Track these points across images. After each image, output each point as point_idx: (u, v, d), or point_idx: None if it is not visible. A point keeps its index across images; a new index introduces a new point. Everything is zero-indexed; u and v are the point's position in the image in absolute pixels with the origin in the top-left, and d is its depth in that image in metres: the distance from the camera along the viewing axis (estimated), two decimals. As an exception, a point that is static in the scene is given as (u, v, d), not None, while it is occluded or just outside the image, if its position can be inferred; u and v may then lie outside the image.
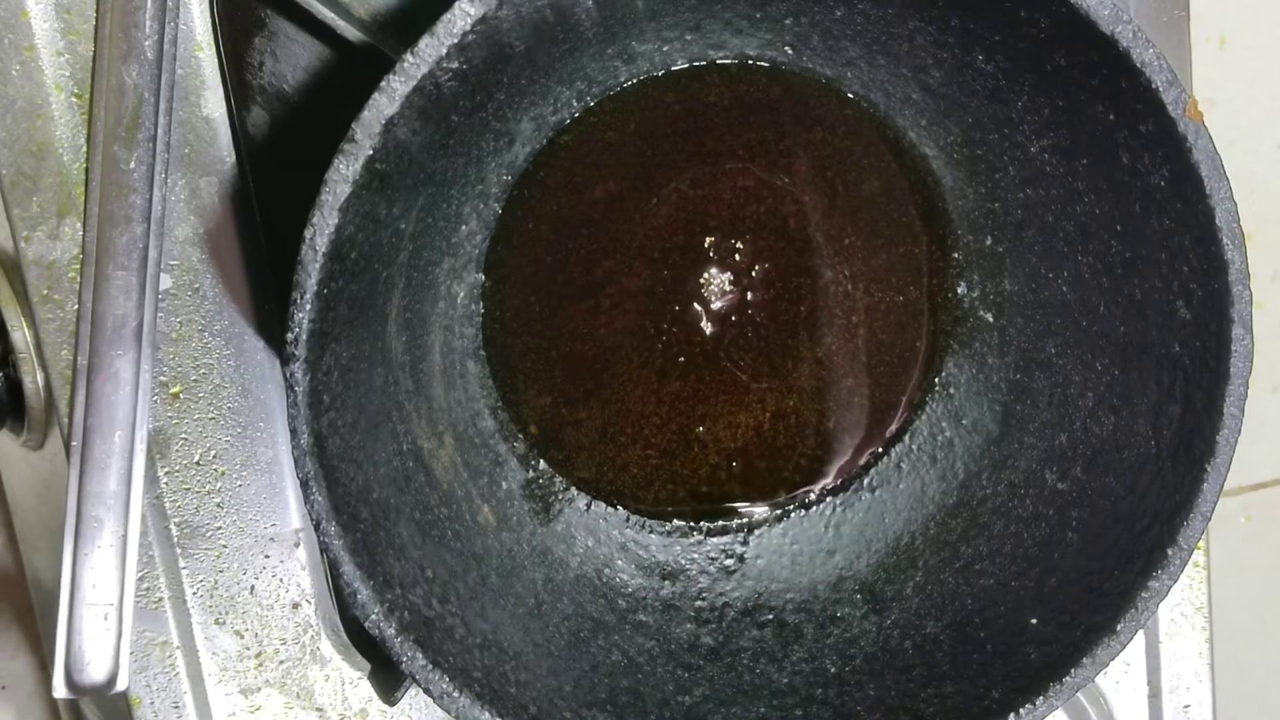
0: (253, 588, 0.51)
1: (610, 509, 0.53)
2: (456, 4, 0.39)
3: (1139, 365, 0.47)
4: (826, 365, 0.53)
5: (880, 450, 0.54)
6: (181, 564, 0.50)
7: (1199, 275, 0.43)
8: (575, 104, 0.49)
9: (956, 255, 0.52)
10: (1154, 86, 0.41)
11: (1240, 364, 0.43)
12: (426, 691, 0.42)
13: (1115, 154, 0.45)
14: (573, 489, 0.52)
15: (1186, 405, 0.45)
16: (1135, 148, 0.44)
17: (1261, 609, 0.73)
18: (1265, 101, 0.61)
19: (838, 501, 0.54)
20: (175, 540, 0.49)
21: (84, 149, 0.46)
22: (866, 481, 0.54)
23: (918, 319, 0.53)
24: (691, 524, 0.54)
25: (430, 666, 0.42)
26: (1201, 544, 0.53)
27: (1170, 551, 0.44)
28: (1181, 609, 0.59)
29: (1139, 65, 0.41)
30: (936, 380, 0.53)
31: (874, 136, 0.51)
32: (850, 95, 0.50)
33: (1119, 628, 0.44)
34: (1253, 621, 0.69)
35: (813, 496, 0.54)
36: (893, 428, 0.54)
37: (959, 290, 0.52)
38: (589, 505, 0.53)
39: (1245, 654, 0.65)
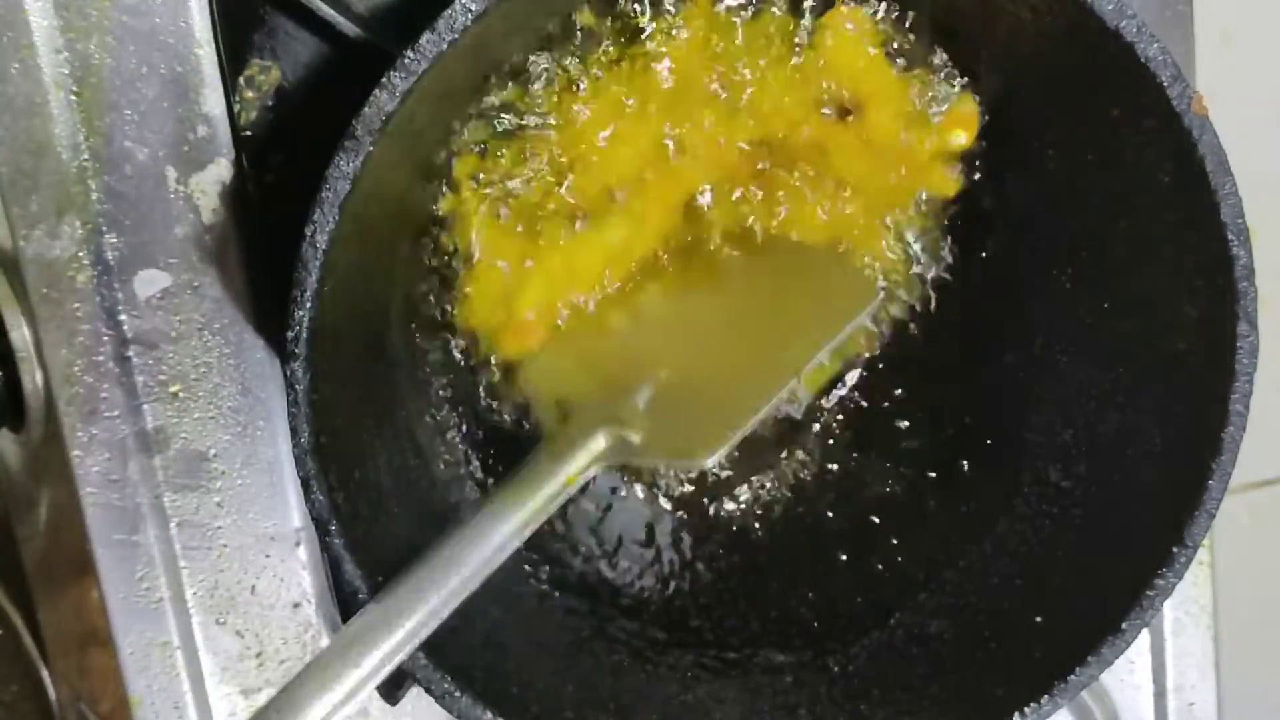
0: (253, 587, 0.50)
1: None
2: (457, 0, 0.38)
3: (1144, 362, 0.47)
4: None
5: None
6: (181, 564, 0.49)
7: (1204, 271, 0.43)
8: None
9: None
10: (1159, 81, 0.41)
11: (1246, 361, 0.43)
12: (428, 691, 0.42)
13: (1120, 150, 0.45)
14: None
15: (1192, 402, 0.45)
16: (1140, 143, 0.44)
17: (1266, 606, 0.72)
18: (1270, 96, 0.61)
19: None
20: (175, 540, 0.49)
21: (83, 146, 0.46)
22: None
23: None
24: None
25: (432, 666, 0.42)
26: (1206, 541, 0.53)
27: (1175, 549, 0.44)
28: (1186, 607, 0.59)
29: (1144, 60, 0.41)
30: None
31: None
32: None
33: (1124, 626, 0.44)
34: (1258, 619, 0.68)
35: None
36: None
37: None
38: (594, 504, 0.53)
39: (1250, 651, 0.65)
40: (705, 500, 0.53)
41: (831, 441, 0.54)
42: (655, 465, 0.47)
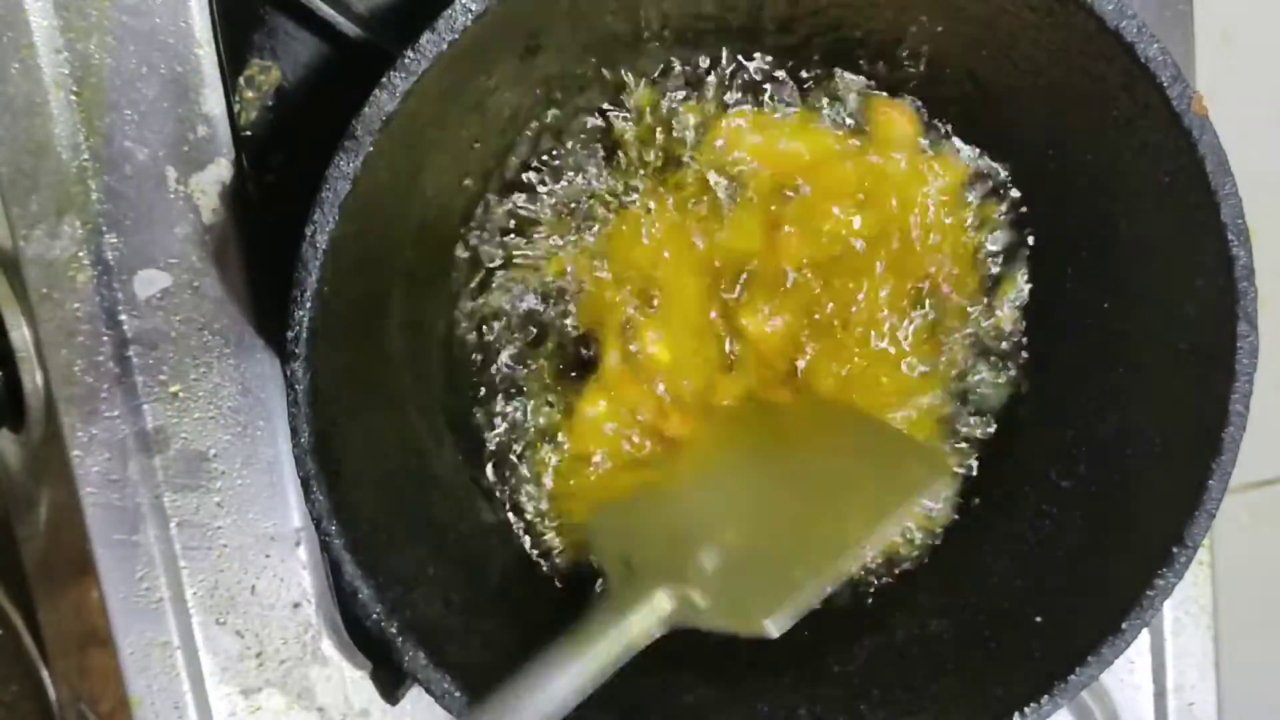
0: (253, 587, 0.50)
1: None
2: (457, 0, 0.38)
3: (1143, 362, 0.47)
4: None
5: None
6: (182, 564, 0.49)
7: (1204, 271, 0.43)
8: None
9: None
10: (1159, 82, 0.41)
11: (1245, 361, 0.43)
12: (428, 691, 0.42)
13: (1119, 149, 0.45)
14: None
15: (1192, 402, 0.45)
16: (1140, 143, 0.44)
17: (1266, 606, 0.72)
18: (1270, 96, 0.61)
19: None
20: (175, 540, 0.49)
21: (83, 146, 0.46)
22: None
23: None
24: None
25: (432, 666, 0.42)
26: (1206, 541, 0.53)
27: (1175, 549, 0.44)
28: (1186, 607, 0.59)
29: (1144, 60, 0.41)
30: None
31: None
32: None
33: (1124, 626, 0.44)
34: (1258, 619, 0.68)
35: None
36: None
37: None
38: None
39: (1250, 651, 0.65)
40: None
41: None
42: (717, 629, 0.47)
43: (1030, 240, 0.50)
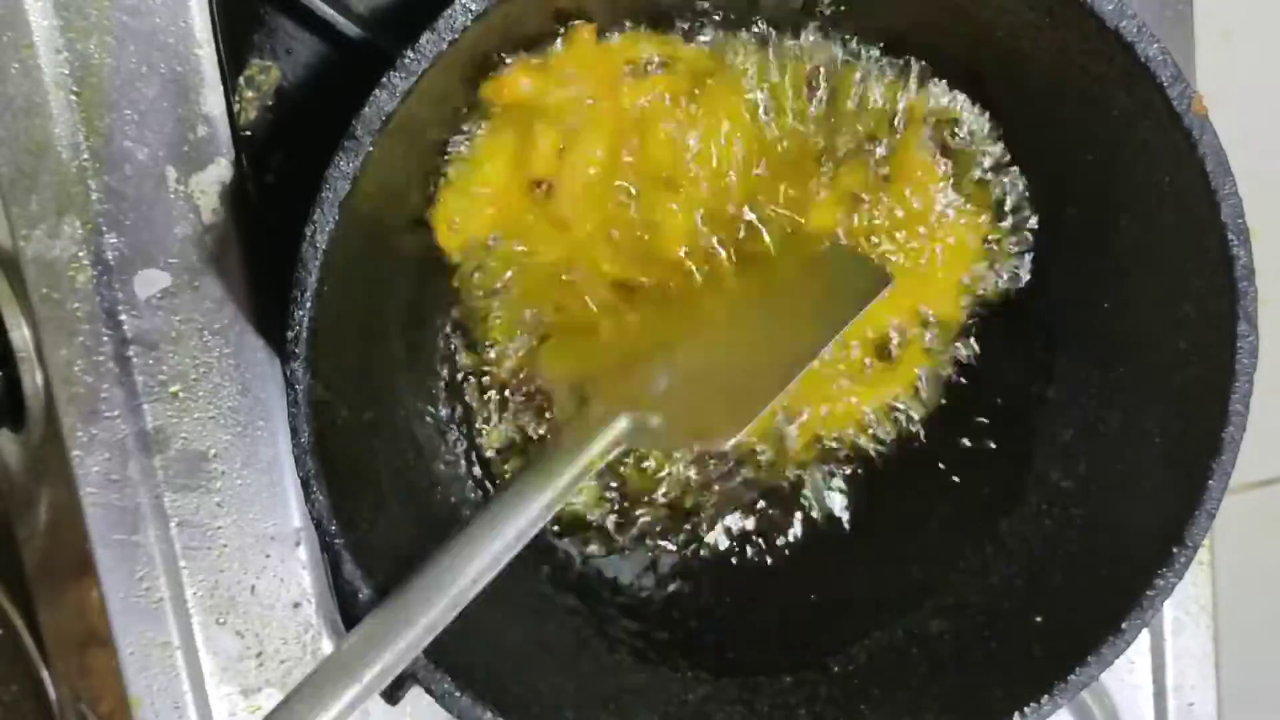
0: (253, 587, 0.50)
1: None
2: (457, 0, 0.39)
3: (1144, 362, 0.47)
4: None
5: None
6: (181, 564, 0.49)
7: (1204, 272, 0.43)
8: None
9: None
10: (1159, 82, 0.41)
11: (1246, 361, 0.43)
12: (428, 691, 0.42)
13: (1119, 149, 0.45)
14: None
15: (1192, 402, 0.45)
16: (1140, 143, 0.44)
17: (1266, 606, 0.72)
18: (1271, 96, 0.61)
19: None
20: (175, 540, 0.49)
21: (83, 146, 0.46)
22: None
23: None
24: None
25: (432, 665, 0.42)
26: (1206, 541, 0.53)
27: (1175, 549, 0.44)
28: (1186, 607, 0.59)
29: (1144, 60, 0.41)
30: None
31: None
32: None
33: (1124, 626, 0.44)
34: (1258, 619, 0.68)
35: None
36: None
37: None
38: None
39: (1250, 651, 0.65)
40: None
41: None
42: (674, 448, 0.47)
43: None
